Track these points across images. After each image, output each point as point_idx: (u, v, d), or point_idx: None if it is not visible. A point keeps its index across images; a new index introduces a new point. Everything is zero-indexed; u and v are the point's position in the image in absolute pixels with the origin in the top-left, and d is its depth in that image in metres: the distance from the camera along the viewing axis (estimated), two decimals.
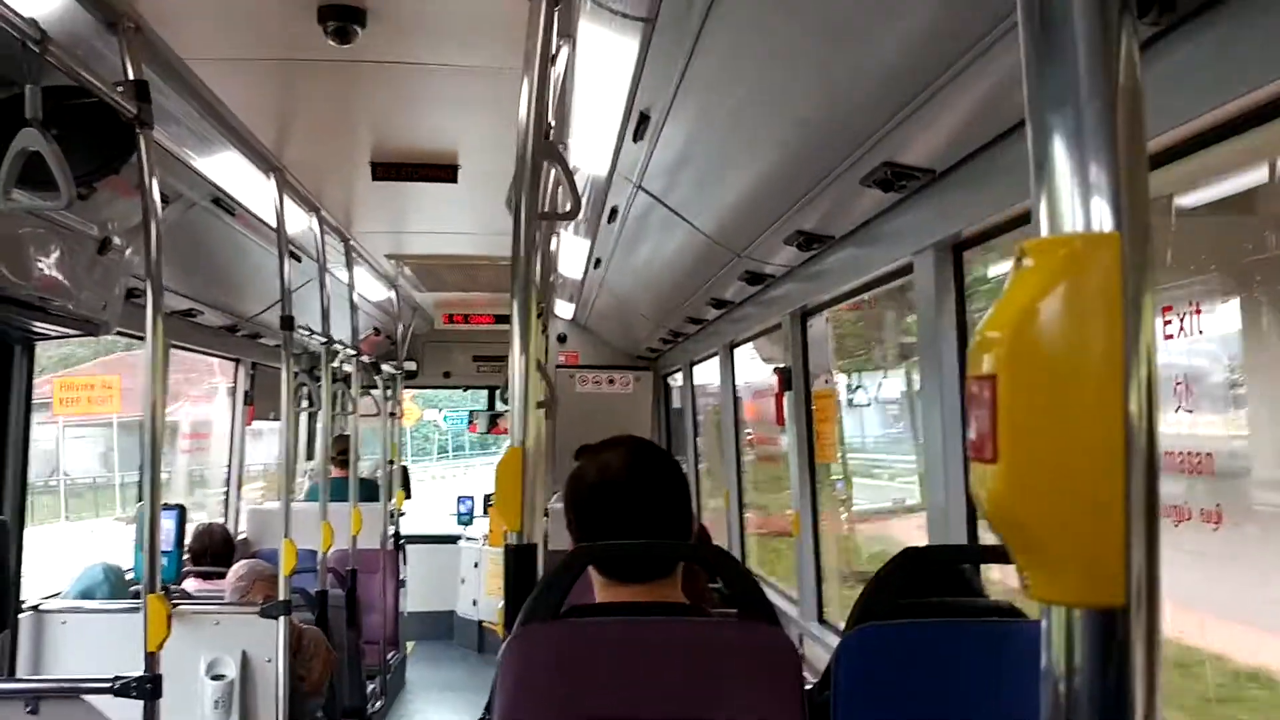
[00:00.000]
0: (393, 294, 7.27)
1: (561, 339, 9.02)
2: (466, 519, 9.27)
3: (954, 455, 2.81)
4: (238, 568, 4.62)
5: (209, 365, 7.19)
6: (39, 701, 2.99)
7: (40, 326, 3.73)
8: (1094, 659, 0.58)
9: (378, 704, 6.55)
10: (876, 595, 1.96)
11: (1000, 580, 2.92)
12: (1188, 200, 2.18)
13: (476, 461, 31.80)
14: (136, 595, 4.36)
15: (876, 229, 3.18)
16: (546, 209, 3.46)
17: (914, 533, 3.86)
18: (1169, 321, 2.05)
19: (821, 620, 4.31)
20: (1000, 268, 3.23)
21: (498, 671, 1.80)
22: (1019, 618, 2.02)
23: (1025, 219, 2.51)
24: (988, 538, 2.96)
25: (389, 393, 7.70)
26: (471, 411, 10.13)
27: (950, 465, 2.81)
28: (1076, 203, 0.60)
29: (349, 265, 5.70)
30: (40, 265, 3.39)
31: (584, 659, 1.79)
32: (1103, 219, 0.59)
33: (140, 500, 5.34)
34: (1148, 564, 0.57)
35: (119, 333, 4.16)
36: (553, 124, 2.71)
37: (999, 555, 2.66)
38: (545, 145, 2.20)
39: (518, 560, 2.02)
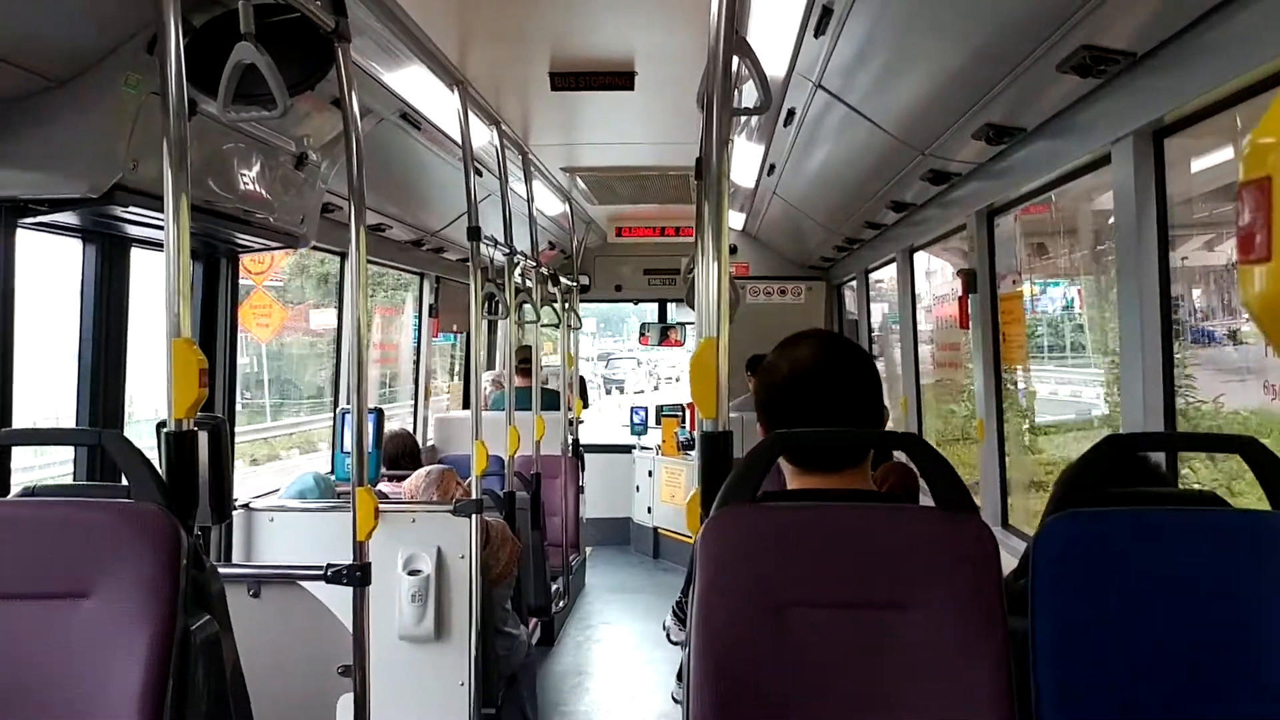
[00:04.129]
0: (566, 207, 7.38)
1: (732, 250, 9.00)
2: (640, 429, 9.43)
3: (1152, 349, 2.72)
4: (422, 473, 4.83)
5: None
6: (260, 585, 3.24)
7: (244, 239, 3.94)
8: None
9: (561, 603, 6.81)
10: (1075, 483, 1.93)
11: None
12: None
13: None
14: (336, 497, 4.64)
15: (1071, 119, 3.06)
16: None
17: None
18: None
19: (1005, 525, 4.26)
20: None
21: (695, 554, 1.85)
22: (1222, 507, 1.96)
23: (1233, 99, 2.38)
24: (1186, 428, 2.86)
25: (565, 305, 7.86)
26: (644, 324, 10.22)
27: (1149, 359, 2.72)
28: None
29: (527, 178, 5.80)
30: (243, 180, 3.57)
31: (781, 542, 1.82)
32: None
33: (335, 405, 5.65)
34: None
35: (315, 246, 4.36)
36: None
37: (1201, 442, 2.57)
38: (736, 39, 2.19)
39: (713, 446, 2.06)
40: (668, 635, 2.66)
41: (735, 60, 2.25)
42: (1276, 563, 1.76)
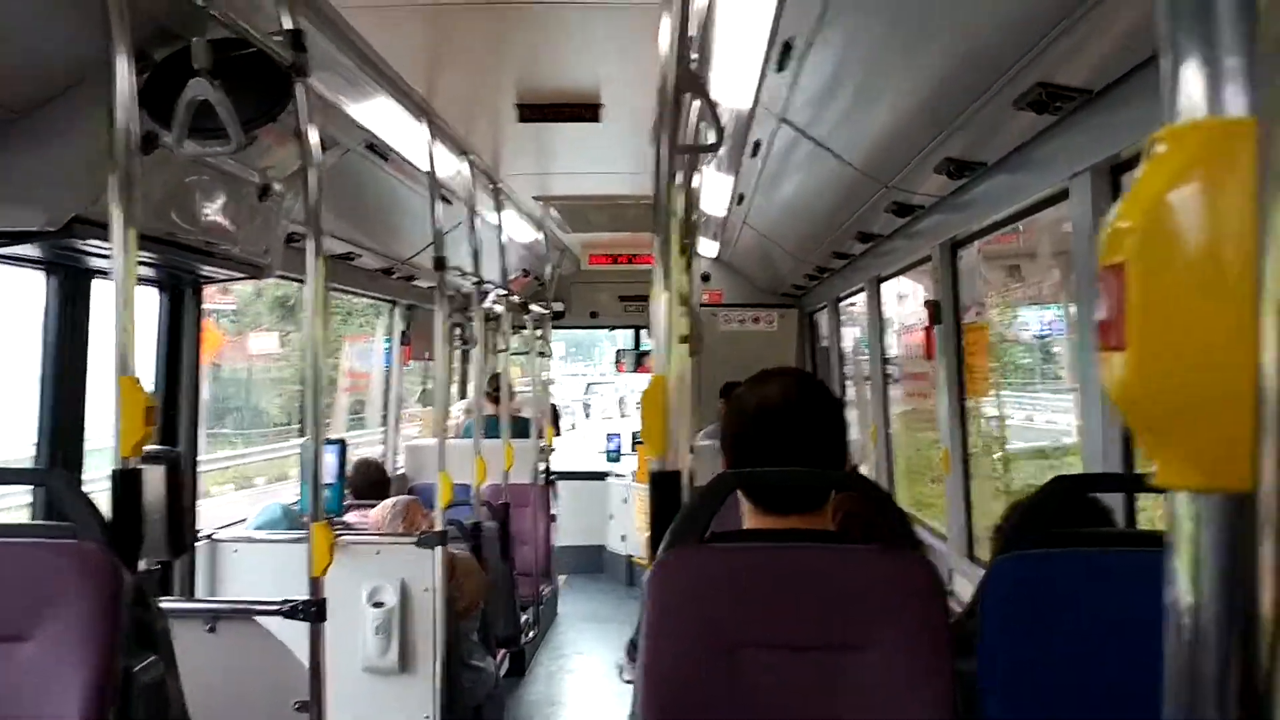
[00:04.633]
0: (540, 236, 7.38)
1: (705, 278, 9.03)
2: (614, 456, 9.42)
3: None
4: (388, 503, 4.82)
5: None
6: (216, 621, 3.21)
7: (207, 270, 3.93)
8: (1220, 545, 0.57)
9: (531, 633, 6.77)
10: (1024, 524, 1.93)
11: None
12: None
13: None
14: (304, 528, 4.61)
15: (1030, 154, 3.08)
16: (690, 142, 3.45)
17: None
18: None
19: (972, 556, 4.26)
20: None
21: (643, 597, 1.84)
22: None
23: None
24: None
25: (538, 332, 7.86)
26: (619, 350, 10.24)
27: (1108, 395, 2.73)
28: (1212, 89, 0.58)
29: (497, 208, 5.80)
30: (206, 211, 3.56)
31: (728, 584, 1.81)
32: (1239, 106, 0.57)
33: (303, 434, 5.63)
34: (1278, 452, 0.56)
35: (280, 275, 4.35)
36: (695, 56, 2.70)
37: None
38: (687, 76, 2.20)
39: (662, 487, 2.05)
40: (620, 673, 2.65)
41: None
42: None
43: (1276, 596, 0.56)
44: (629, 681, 2.66)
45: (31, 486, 3.49)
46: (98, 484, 2.49)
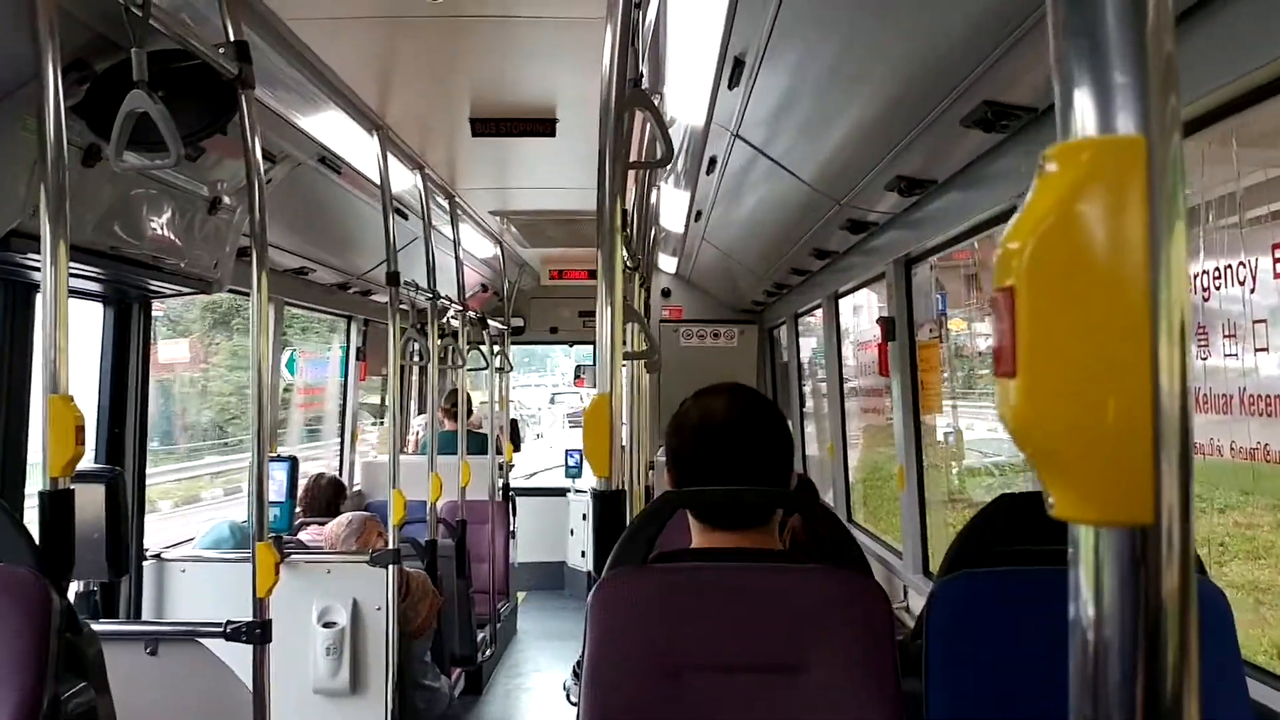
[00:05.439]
0: (498, 251, 7.35)
1: (665, 293, 9.02)
2: (575, 472, 9.37)
3: None
4: (343, 520, 4.75)
5: None
6: (158, 643, 3.14)
7: (155, 285, 3.87)
8: (1122, 581, 0.55)
9: (488, 651, 6.70)
10: (970, 542, 1.92)
11: None
12: None
13: None
14: None
15: (979, 172, 3.09)
16: (643, 157, 3.44)
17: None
18: None
19: (926, 572, 4.26)
20: None
21: (586, 618, 1.81)
22: None
23: None
24: None
25: (496, 348, 7.80)
26: (578, 366, 10.22)
27: None
28: (1102, 107, 0.56)
29: (453, 222, 5.76)
30: (153, 225, 3.50)
31: (670, 605, 1.79)
32: (1129, 124, 0.56)
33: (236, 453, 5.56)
34: (1179, 481, 0.54)
35: (230, 290, 4.29)
36: (644, 71, 2.69)
37: None
38: (634, 91, 2.18)
39: (606, 506, 2.03)
40: (568, 696, 2.61)
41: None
42: None
43: (1181, 617, 0.54)
44: (576, 704, 2.63)
45: None
46: None
